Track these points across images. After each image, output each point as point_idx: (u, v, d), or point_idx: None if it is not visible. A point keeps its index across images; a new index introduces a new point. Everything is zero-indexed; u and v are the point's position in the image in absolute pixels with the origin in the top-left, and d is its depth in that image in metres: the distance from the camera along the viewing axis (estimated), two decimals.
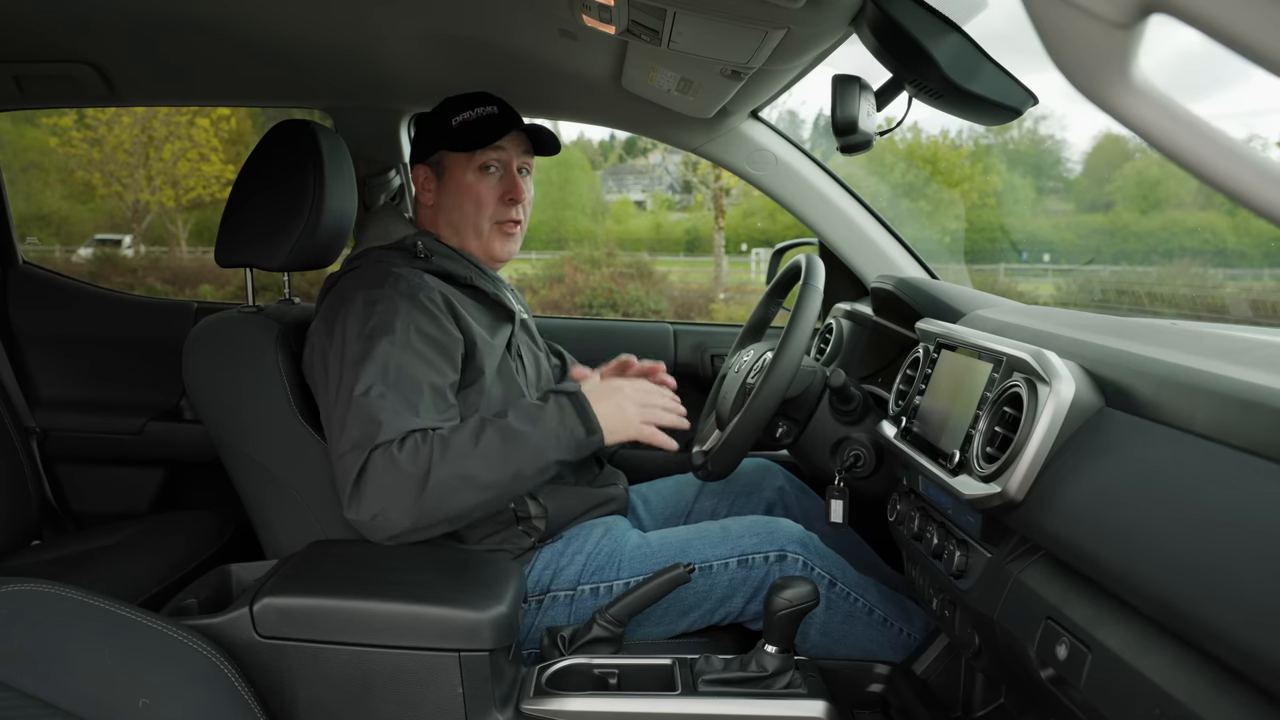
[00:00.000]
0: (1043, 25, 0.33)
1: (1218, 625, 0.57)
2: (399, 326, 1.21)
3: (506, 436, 1.16)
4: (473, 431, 1.16)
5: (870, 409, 1.40)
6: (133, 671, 0.87)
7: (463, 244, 1.42)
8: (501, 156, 1.40)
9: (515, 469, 1.16)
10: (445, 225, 1.42)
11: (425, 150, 1.43)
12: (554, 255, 13.75)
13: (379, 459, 1.12)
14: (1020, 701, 1.04)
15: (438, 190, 1.42)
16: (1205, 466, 0.66)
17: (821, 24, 1.17)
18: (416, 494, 1.11)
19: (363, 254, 1.37)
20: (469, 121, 1.38)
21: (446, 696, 1.01)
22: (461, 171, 1.39)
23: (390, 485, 1.12)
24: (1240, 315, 4.89)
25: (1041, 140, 16.22)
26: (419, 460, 1.12)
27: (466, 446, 1.14)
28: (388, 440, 1.13)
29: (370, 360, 1.18)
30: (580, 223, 16.01)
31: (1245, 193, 0.32)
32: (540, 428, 1.18)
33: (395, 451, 1.13)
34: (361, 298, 1.24)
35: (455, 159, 1.40)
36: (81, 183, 13.60)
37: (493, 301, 1.37)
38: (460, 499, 1.14)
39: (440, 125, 1.40)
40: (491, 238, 1.42)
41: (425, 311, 1.24)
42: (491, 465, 1.15)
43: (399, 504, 1.12)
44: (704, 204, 15.15)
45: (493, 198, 1.40)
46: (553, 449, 1.18)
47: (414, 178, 1.46)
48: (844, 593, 1.30)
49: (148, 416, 2.07)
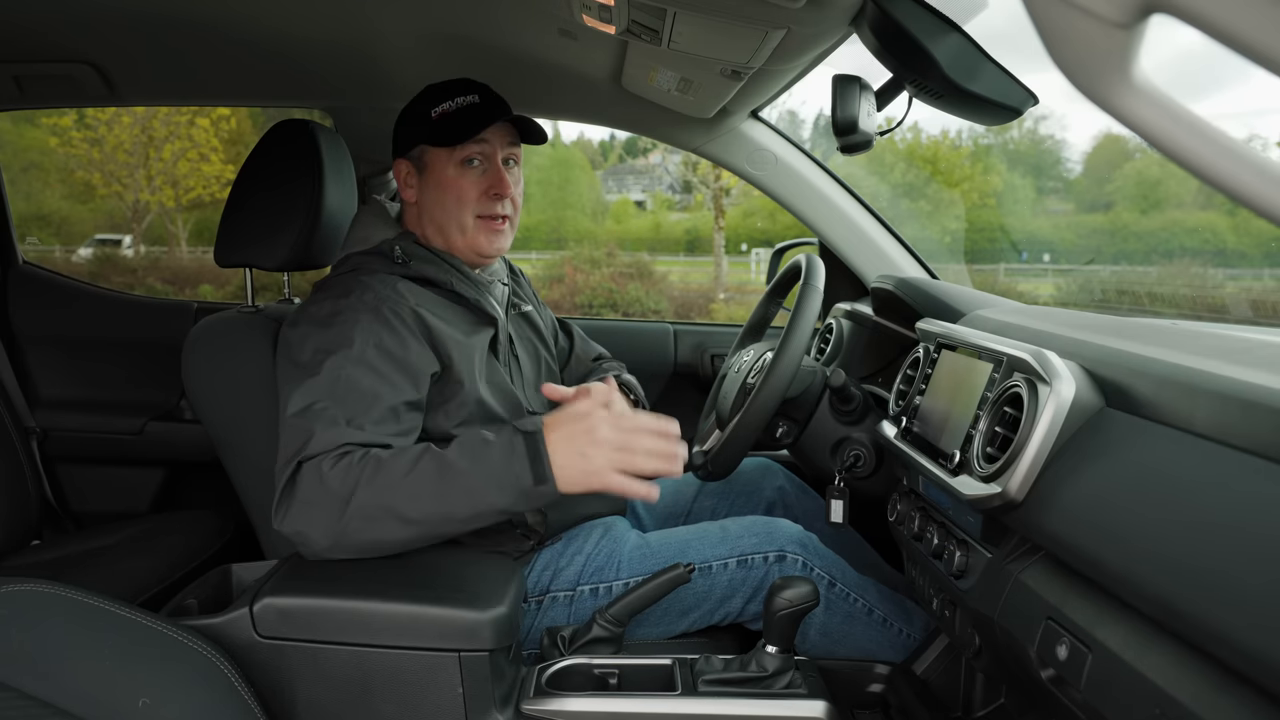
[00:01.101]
0: (1043, 25, 0.33)
1: (1219, 626, 0.57)
2: (356, 340, 1.16)
3: (444, 472, 1.05)
4: (410, 460, 1.06)
5: (870, 409, 1.40)
6: (133, 671, 0.87)
7: (448, 243, 1.35)
8: (484, 149, 1.31)
9: (445, 511, 1.05)
10: (429, 224, 1.35)
11: (405, 144, 1.35)
12: (554, 255, 13.77)
13: (307, 473, 1.06)
14: (1020, 702, 1.04)
15: (419, 186, 1.35)
16: (1205, 467, 0.66)
17: (821, 24, 1.17)
18: (338, 515, 1.04)
19: (343, 260, 1.32)
20: (449, 113, 1.30)
21: (446, 696, 1.01)
22: (442, 166, 1.31)
23: (313, 503, 1.05)
24: (1240, 315, 4.89)
25: (1041, 140, 16.24)
26: (347, 479, 1.04)
27: (397, 476, 1.05)
28: (317, 453, 1.07)
29: (319, 374, 1.13)
30: (580, 223, 16.02)
31: (1245, 193, 0.32)
32: (482, 467, 1.05)
33: (325, 467, 1.06)
34: (326, 309, 1.20)
35: (436, 153, 1.31)
36: (81, 183, 13.61)
37: (474, 307, 1.32)
38: (379, 530, 1.05)
39: (419, 117, 1.32)
40: (476, 234, 1.33)
41: (388, 326, 1.19)
42: (418, 501, 1.04)
43: (319, 523, 1.05)
44: (704, 204, 15.17)
45: (476, 192, 1.32)
46: (493, 494, 1.05)
47: (395, 173, 1.37)
48: (843, 593, 1.30)
49: (148, 416, 2.07)
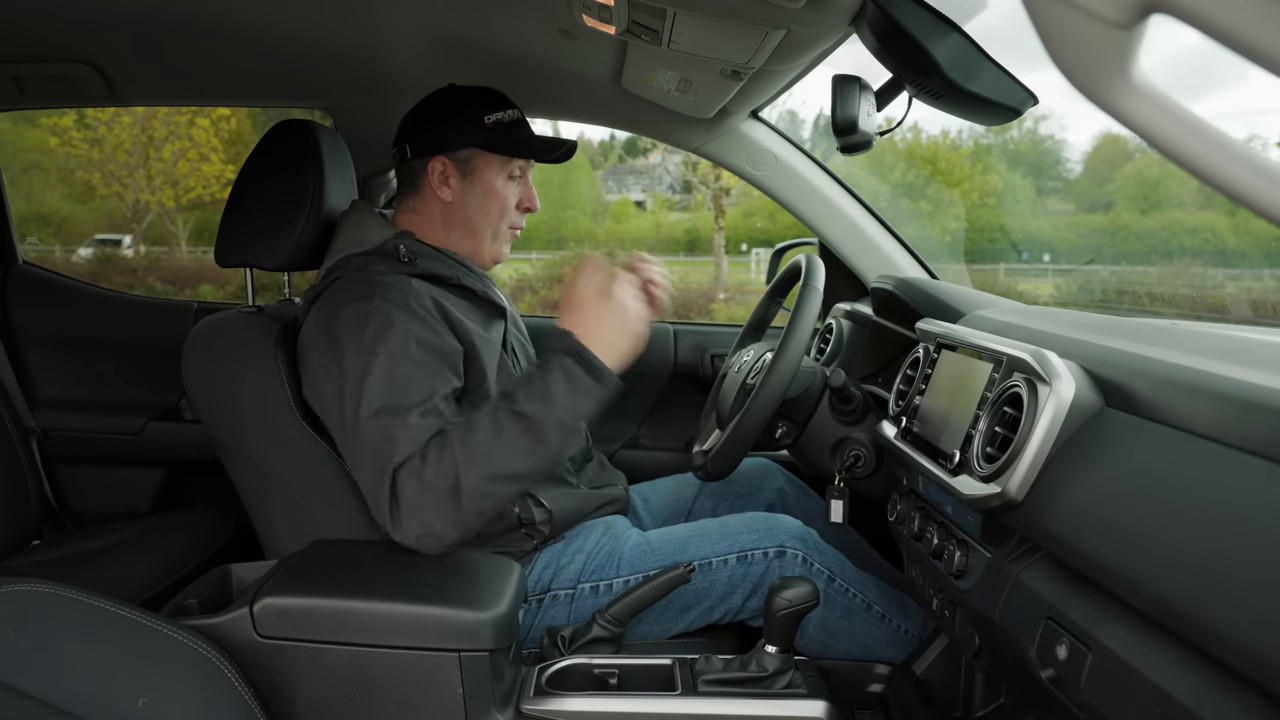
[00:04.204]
0: (1043, 25, 0.33)
1: (1219, 626, 0.57)
2: (396, 338, 1.17)
3: (525, 421, 1.10)
4: (490, 424, 1.10)
5: (870, 409, 1.40)
6: (133, 671, 0.87)
7: (475, 246, 1.39)
8: (525, 165, 1.40)
9: (544, 453, 1.12)
10: (460, 225, 1.37)
11: (450, 143, 1.35)
12: (554, 255, 13.76)
13: (405, 480, 1.09)
14: (1020, 701, 1.04)
15: (462, 188, 1.36)
16: (1205, 467, 0.66)
17: (821, 24, 1.17)
18: (453, 506, 1.08)
19: (341, 263, 1.31)
20: (504, 123, 1.35)
21: (447, 696, 1.01)
22: (494, 175, 1.36)
23: (424, 505, 1.09)
24: (1240, 315, 4.89)
25: (1041, 140, 16.25)
26: (444, 471, 1.08)
27: (489, 444, 1.10)
28: (406, 457, 1.10)
29: (370, 376, 1.14)
30: (580, 223, 16.02)
31: (1245, 193, 0.32)
32: (555, 403, 1.11)
33: (419, 467, 1.09)
34: (353, 312, 1.19)
35: (488, 160, 1.35)
36: (81, 183, 13.61)
37: (483, 300, 1.35)
38: (495, 496, 1.11)
39: (471, 121, 1.34)
40: (504, 242, 1.41)
41: (420, 319, 1.20)
42: (518, 458, 1.10)
43: (439, 520, 1.09)
44: (704, 204, 15.17)
45: (513, 203, 1.40)
46: (576, 417, 1.13)
47: (429, 169, 1.36)
48: (843, 589, 1.30)
49: (148, 416, 2.07)
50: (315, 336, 1.23)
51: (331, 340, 1.19)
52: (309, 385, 1.25)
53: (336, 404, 1.17)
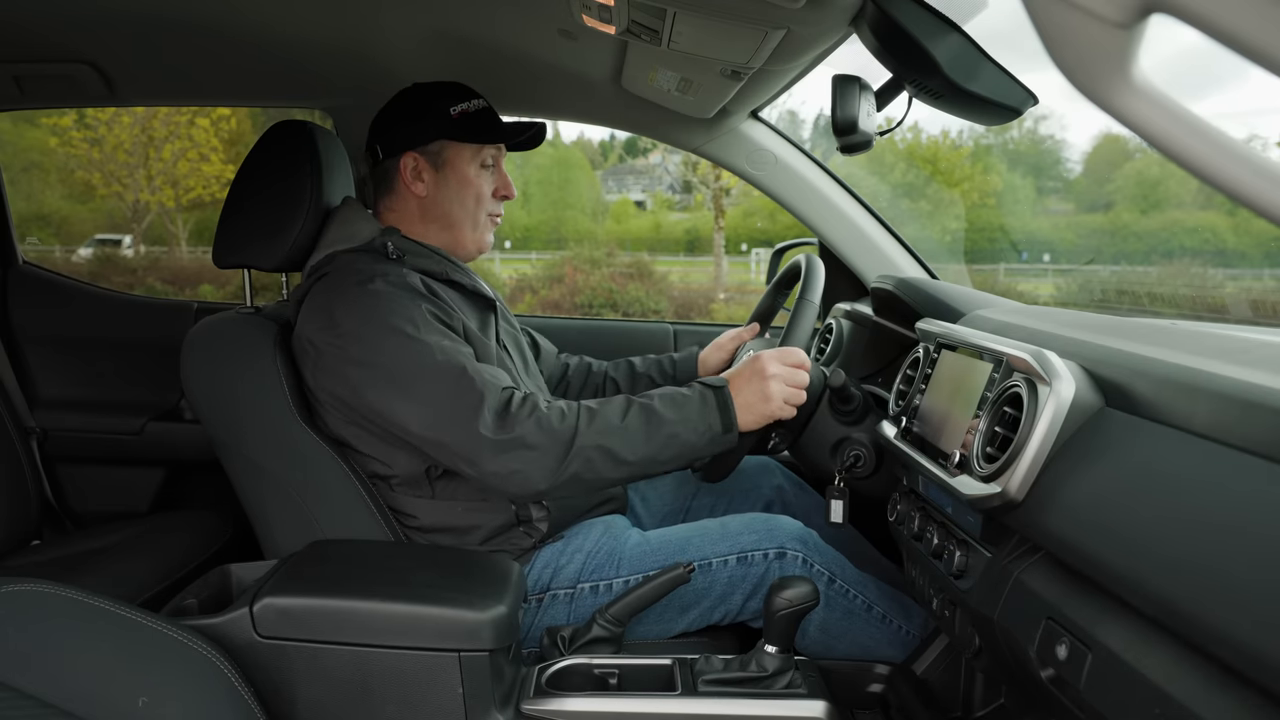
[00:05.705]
0: (1043, 25, 0.33)
1: (1220, 626, 0.57)
2: (413, 313, 1.19)
3: (651, 419, 1.16)
4: (621, 407, 1.17)
5: (870, 409, 1.40)
6: (133, 671, 0.87)
7: (455, 238, 1.39)
8: (496, 153, 1.41)
9: (653, 453, 1.16)
10: (437, 218, 1.38)
11: (419, 138, 1.36)
12: (554, 255, 13.76)
13: (525, 418, 1.13)
14: (1020, 701, 1.04)
15: (434, 181, 1.37)
16: (1205, 467, 0.66)
17: (821, 24, 1.17)
18: (561, 456, 1.12)
19: (327, 259, 1.31)
20: (470, 113, 1.36)
21: (447, 697, 1.01)
22: (465, 164, 1.37)
23: (535, 444, 1.12)
24: (1240, 315, 4.89)
25: (1041, 140, 16.23)
26: (565, 423, 1.13)
27: (614, 421, 1.15)
28: (512, 393, 1.15)
29: (406, 336, 1.17)
30: (580, 223, 16.02)
31: (1245, 193, 0.32)
32: (683, 417, 1.17)
33: (545, 412, 1.13)
34: (357, 295, 1.20)
35: (458, 151, 1.37)
36: (81, 183, 13.60)
37: (472, 294, 1.36)
38: (596, 469, 1.14)
39: (437, 113, 1.35)
40: (484, 231, 1.42)
41: (425, 298, 1.23)
42: (633, 445, 1.15)
43: (541, 464, 1.12)
44: (704, 204, 15.17)
45: (488, 192, 1.40)
46: (692, 439, 1.18)
47: (401, 165, 1.36)
48: (843, 589, 1.30)
49: (148, 416, 2.07)
50: (318, 329, 1.23)
51: (339, 327, 1.20)
52: (319, 378, 1.25)
53: (370, 375, 1.17)
